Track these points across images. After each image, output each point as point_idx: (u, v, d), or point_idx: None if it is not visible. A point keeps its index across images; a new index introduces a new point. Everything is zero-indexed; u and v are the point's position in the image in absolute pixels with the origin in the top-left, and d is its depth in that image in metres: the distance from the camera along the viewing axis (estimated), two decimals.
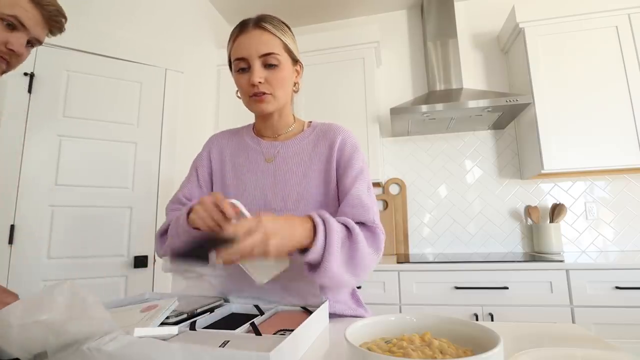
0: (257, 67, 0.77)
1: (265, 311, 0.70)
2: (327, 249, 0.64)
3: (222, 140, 0.94)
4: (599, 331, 1.54)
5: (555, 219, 2.04)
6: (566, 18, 1.98)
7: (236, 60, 0.79)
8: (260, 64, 0.78)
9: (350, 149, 0.84)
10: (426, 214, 2.35)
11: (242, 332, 0.55)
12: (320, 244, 0.64)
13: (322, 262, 0.64)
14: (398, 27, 2.60)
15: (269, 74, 0.78)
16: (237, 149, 0.91)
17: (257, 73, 0.77)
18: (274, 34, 0.79)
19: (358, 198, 0.77)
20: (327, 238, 0.64)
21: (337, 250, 0.65)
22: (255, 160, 0.88)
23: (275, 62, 0.78)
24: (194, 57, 2.25)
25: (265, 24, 0.79)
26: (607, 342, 0.55)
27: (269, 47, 0.78)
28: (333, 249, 0.64)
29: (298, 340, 0.51)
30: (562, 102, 1.93)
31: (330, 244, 0.64)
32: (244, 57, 0.78)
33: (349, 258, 0.68)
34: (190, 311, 0.66)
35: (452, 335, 0.42)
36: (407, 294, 1.74)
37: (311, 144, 0.86)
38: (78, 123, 1.73)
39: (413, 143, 2.44)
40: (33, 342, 0.42)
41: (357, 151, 0.84)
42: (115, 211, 1.78)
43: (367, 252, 0.71)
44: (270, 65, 0.78)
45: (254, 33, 0.78)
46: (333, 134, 0.86)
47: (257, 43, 0.77)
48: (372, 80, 2.21)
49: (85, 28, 1.76)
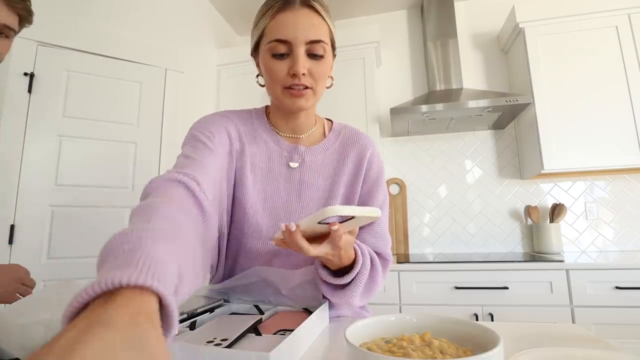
0: (302, 55, 0.64)
1: (265, 311, 0.70)
2: (356, 279, 0.65)
3: (235, 127, 0.75)
4: (599, 331, 1.54)
5: (555, 219, 2.04)
6: (566, 18, 1.98)
7: (274, 42, 0.65)
8: (305, 51, 0.65)
9: (377, 169, 0.78)
10: (426, 214, 2.35)
11: (242, 331, 0.55)
12: (356, 272, 0.65)
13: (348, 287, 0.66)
14: (398, 27, 2.60)
15: (313, 65, 0.66)
16: (254, 144, 0.75)
17: (302, 62, 0.64)
18: (324, 18, 0.67)
19: (381, 230, 0.75)
20: (361, 268, 0.65)
21: (363, 280, 0.66)
22: (278, 163, 0.75)
23: (322, 51, 0.66)
24: (194, 57, 2.25)
25: (316, 4, 0.66)
26: (607, 342, 0.55)
27: (318, 34, 0.65)
28: (360, 280, 0.65)
29: (298, 340, 0.51)
30: (562, 102, 1.93)
31: (362, 274, 0.65)
32: (286, 40, 0.64)
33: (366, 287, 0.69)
34: (190, 311, 0.66)
35: (452, 335, 0.42)
36: (407, 294, 1.74)
37: (336, 155, 0.78)
38: (78, 123, 1.73)
39: (413, 143, 2.44)
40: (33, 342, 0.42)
41: (383, 173, 0.80)
42: (115, 211, 1.78)
43: (380, 280, 0.72)
44: (315, 55, 0.66)
45: (303, 12, 0.64)
46: (361, 147, 0.78)
47: (307, 26, 0.64)
48: (372, 80, 2.21)
49: (85, 28, 1.76)
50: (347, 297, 0.66)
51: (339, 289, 0.67)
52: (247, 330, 0.56)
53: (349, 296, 0.66)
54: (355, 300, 0.68)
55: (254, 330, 0.57)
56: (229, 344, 0.50)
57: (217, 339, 0.52)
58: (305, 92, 0.67)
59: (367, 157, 0.77)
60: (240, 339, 0.53)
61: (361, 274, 0.65)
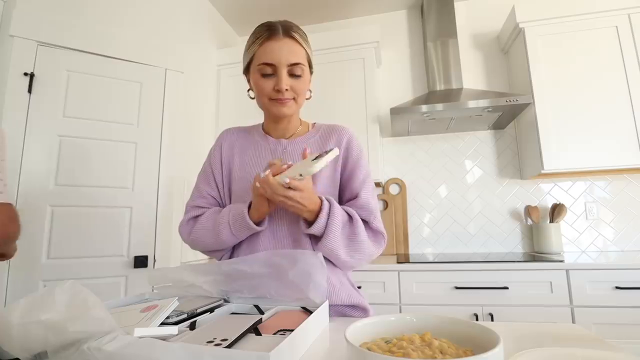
0: (284, 75, 0.82)
1: (265, 311, 0.70)
2: (328, 225, 0.77)
3: (232, 136, 0.98)
4: (599, 331, 1.54)
5: (555, 219, 2.04)
6: (566, 18, 1.98)
7: (262, 65, 0.82)
8: (287, 72, 0.82)
9: (356, 151, 0.90)
10: (426, 214, 2.35)
11: (242, 332, 0.55)
12: (324, 219, 0.77)
13: (323, 234, 0.78)
14: (398, 27, 2.60)
15: (293, 82, 0.83)
16: (245, 145, 0.96)
17: (285, 81, 0.82)
18: (302, 45, 0.84)
19: (366, 202, 0.85)
20: (330, 215, 0.78)
21: (338, 228, 0.78)
22: (263, 155, 0.92)
23: (300, 72, 0.83)
24: (194, 57, 2.25)
25: (295, 34, 0.83)
26: (607, 342, 0.55)
27: (297, 58, 0.82)
28: (334, 226, 0.77)
29: (298, 340, 0.51)
30: (562, 102, 1.93)
31: (333, 221, 0.77)
32: (271, 64, 0.82)
33: (348, 239, 0.80)
34: (190, 311, 0.66)
35: (452, 335, 0.42)
36: (407, 294, 1.74)
37: (317, 143, 0.92)
38: (78, 123, 1.73)
39: (413, 143, 2.44)
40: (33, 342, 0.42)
41: (363, 154, 0.91)
42: (115, 211, 1.78)
43: (365, 239, 0.81)
44: (295, 75, 0.83)
45: (285, 42, 0.82)
46: (338, 134, 0.92)
47: (288, 52, 0.81)
48: (372, 80, 2.21)
49: (85, 28, 1.76)
50: (329, 246, 0.78)
51: (320, 240, 0.79)
52: (247, 330, 0.56)
53: (331, 245, 0.78)
54: (341, 252, 0.79)
55: (254, 330, 0.57)
56: (229, 344, 0.50)
57: (217, 339, 0.52)
58: (287, 102, 0.85)
59: (345, 141, 0.91)
60: (240, 339, 0.53)
61: (332, 222, 0.78)
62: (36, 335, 0.41)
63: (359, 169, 0.88)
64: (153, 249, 1.85)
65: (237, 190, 0.91)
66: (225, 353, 0.41)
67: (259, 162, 0.91)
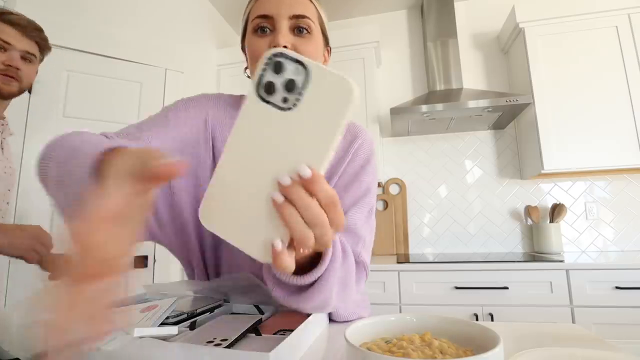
0: (285, 29, 0.60)
1: (265, 311, 0.70)
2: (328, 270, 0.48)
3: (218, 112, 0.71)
4: (599, 331, 1.54)
5: (555, 219, 2.04)
6: (566, 18, 1.98)
7: (256, 19, 0.61)
8: (289, 26, 0.61)
9: (362, 158, 0.71)
10: (426, 214, 2.35)
11: (242, 332, 0.55)
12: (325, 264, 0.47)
13: (322, 276, 0.48)
14: (398, 27, 2.60)
15: (297, 41, 0.61)
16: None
17: (285, 35, 0.60)
18: (312, 0, 0.64)
19: (354, 225, 0.63)
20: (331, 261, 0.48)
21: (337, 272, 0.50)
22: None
23: (306, 26, 0.62)
24: (194, 57, 2.25)
25: None
26: (607, 342, 0.55)
27: (303, 9, 0.61)
28: (336, 265, 0.49)
29: (298, 340, 0.51)
30: (562, 102, 1.93)
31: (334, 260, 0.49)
32: (268, 15, 0.60)
33: (341, 284, 0.54)
34: (190, 311, 0.66)
35: (452, 335, 0.42)
36: (407, 294, 1.74)
37: None
38: (78, 123, 1.73)
39: (413, 143, 2.44)
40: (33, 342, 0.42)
41: (369, 163, 0.71)
42: None
43: (353, 280, 0.58)
44: (301, 30, 0.61)
45: None
46: (353, 136, 0.72)
47: (291, 2, 0.61)
48: (372, 80, 2.21)
49: (85, 28, 1.76)
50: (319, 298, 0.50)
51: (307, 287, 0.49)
52: (247, 331, 0.56)
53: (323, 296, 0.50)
54: (331, 304, 0.53)
55: (254, 331, 0.57)
56: (229, 344, 0.50)
57: (217, 339, 0.52)
58: None
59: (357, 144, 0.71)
60: (241, 339, 0.53)
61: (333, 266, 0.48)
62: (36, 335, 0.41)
63: (357, 183, 0.68)
64: (153, 249, 1.85)
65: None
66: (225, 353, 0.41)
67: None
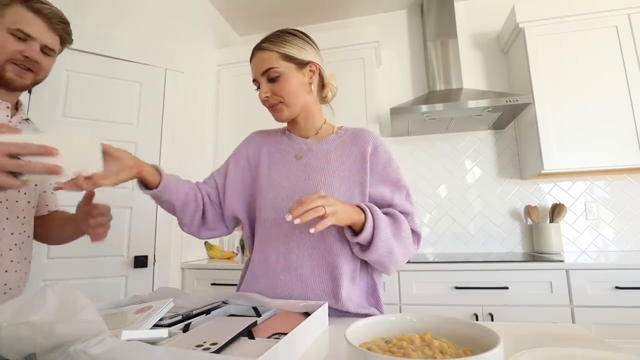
0: (264, 84, 0.86)
1: (263, 313, 0.70)
2: (376, 226, 0.76)
3: (258, 137, 1.02)
4: (599, 331, 1.54)
5: (555, 219, 2.03)
6: (566, 18, 1.98)
7: (253, 81, 0.90)
8: (266, 80, 0.86)
9: (384, 157, 0.89)
10: (426, 214, 2.35)
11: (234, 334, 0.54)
12: (370, 223, 0.76)
13: (374, 236, 0.76)
14: (398, 27, 2.60)
15: (273, 87, 0.86)
16: (273, 145, 0.98)
17: (264, 90, 0.86)
18: (270, 49, 0.86)
19: (402, 206, 0.86)
20: (374, 218, 0.77)
21: (385, 225, 0.78)
22: (288, 154, 0.94)
23: (275, 74, 0.85)
24: (194, 57, 2.25)
25: (264, 44, 0.87)
26: (607, 342, 0.55)
27: (266, 64, 0.85)
28: (382, 224, 0.77)
29: (291, 344, 0.50)
30: (562, 102, 1.93)
31: (379, 222, 0.77)
32: (254, 79, 0.89)
33: (396, 235, 0.80)
34: (185, 313, 0.65)
35: (452, 335, 0.42)
36: (407, 294, 1.74)
37: (342, 145, 0.92)
38: (78, 123, 1.73)
39: (413, 143, 2.44)
40: (22, 344, 0.41)
41: (391, 159, 0.90)
42: (115, 211, 1.76)
43: (409, 234, 0.83)
44: (272, 79, 0.85)
45: (256, 55, 0.87)
46: (365, 139, 0.91)
47: (258, 64, 0.86)
48: (372, 80, 2.21)
49: (85, 28, 1.76)
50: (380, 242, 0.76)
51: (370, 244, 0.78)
52: (240, 334, 0.55)
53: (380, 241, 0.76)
54: (394, 246, 0.78)
55: (247, 334, 0.56)
56: (219, 349, 0.48)
57: (207, 343, 0.51)
58: (277, 106, 0.88)
59: (371, 146, 0.89)
60: (232, 343, 0.52)
61: (378, 223, 0.76)
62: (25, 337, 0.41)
63: (388, 177, 0.88)
64: (153, 249, 1.85)
65: (264, 187, 0.92)
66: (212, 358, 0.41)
67: (283, 161, 0.93)
